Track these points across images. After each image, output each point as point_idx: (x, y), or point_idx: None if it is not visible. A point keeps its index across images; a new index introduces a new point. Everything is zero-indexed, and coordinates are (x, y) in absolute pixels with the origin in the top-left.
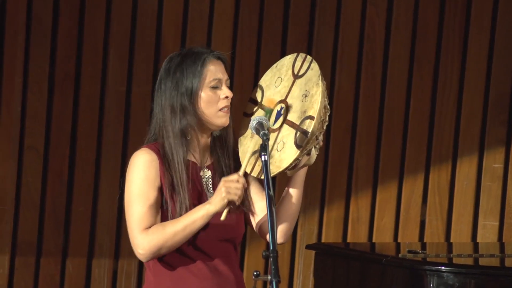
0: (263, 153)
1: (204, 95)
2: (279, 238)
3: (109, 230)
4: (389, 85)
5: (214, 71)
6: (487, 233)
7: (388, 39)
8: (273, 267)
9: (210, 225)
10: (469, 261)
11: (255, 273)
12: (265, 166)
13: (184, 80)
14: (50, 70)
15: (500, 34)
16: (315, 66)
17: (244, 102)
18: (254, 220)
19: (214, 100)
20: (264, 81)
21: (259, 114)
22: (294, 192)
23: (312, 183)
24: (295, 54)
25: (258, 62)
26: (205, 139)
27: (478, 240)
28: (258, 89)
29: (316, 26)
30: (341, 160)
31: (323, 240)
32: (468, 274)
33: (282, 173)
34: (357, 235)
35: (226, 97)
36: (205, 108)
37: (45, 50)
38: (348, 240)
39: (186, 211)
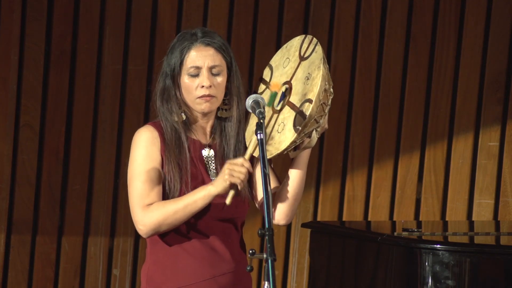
0: (258, 132)
1: (183, 81)
2: (281, 220)
3: (105, 208)
4: (385, 63)
5: (195, 58)
6: (483, 211)
7: (384, 16)
8: (268, 245)
9: (209, 205)
10: (465, 239)
11: (250, 251)
12: (261, 144)
13: (170, 62)
14: (46, 47)
15: (496, 12)
16: (319, 49)
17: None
18: (257, 198)
19: (191, 88)
20: (274, 60)
21: (266, 94)
22: (297, 174)
23: (308, 161)
24: (303, 36)
25: (254, 40)
26: (202, 119)
27: (474, 218)
28: (268, 69)
29: (312, 3)
30: (337, 138)
31: (318, 218)
32: (463, 252)
33: (283, 155)
34: (352, 213)
35: (202, 86)
36: (185, 94)
37: (41, 28)
38: (344, 218)
39: (177, 189)
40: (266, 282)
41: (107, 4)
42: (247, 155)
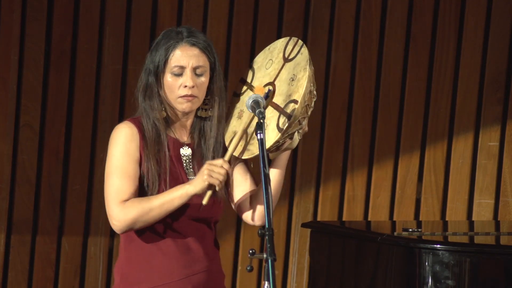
0: (259, 132)
1: (166, 80)
2: (258, 220)
3: (105, 208)
4: (385, 63)
5: (179, 57)
6: (483, 211)
7: (384, 16)
8: (268, 245)
9: (186, 205)
10: (465, 239)
11: (250, 251)
12: (261, 144)
13: (154, 59)
14: (46, 47)
15: (496, 12)
16: (305, 51)
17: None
18: (234, 200)
19: (174, 87)
20: (256, 62)
21: (248, 95)
22: (276, 175)
23: (308, 161)
24: (288, 38)
25: (254, 40)
26: (183, 118)
27: (474, 218)
28: (250, 70)
29: (312, 3)
30: (337, 138)
31: (318, 218)
32: (463, 252)
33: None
34: (352, 213)
35: (185, 86)
36: (168, 92)
37: (41, 27)
38: (344, 218)
39: (155, 186)
40: (266, 282)
41: (107, 4)
42: (227, 157)
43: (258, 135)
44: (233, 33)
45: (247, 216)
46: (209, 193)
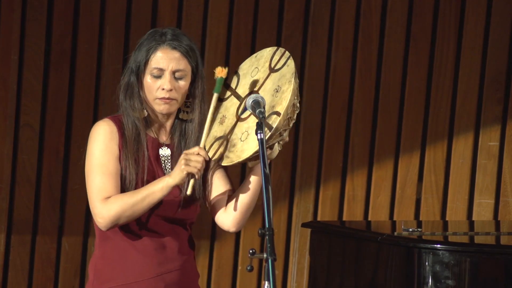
0: (259, 131)
1: (146, 80)
2: (232, 227)
3: None
4: (385, 63)
5: (159, 60)
6: (483, 211)
7: (384, 16)
8: (268, 245)
9: (160, 205)
10: (465, 239)
11: (250, 251)
12: (261, 144)
13: (136, 59)
14: (46, 47)
15: (496, 12)
16: (291, 63)
17: None
18: (209, 199)
19: (152, 88)
20: (242, 69)
21: (232, 101)
22: (253, 184)
23: (308, 161)
24: (275, 48)
25: (254, 40)
26: (163, 118)
27: (474, 218)
28: (235, 76)
29: (312, 3)
30: (337, 138)
31: (318, 218)
32: (463, 252)
33: (243, 163)
34: (353, 213)
35: (163, 88)
36: (147, 93)
37: (41, 27)
38: (344, 218)
39: (132, 185)
40: (266, 282)
41: (107, 4)
42: (202, 143)
43: (259, 135)
44: (233, 33)
45: (222, 222)
46: (192, 182)
